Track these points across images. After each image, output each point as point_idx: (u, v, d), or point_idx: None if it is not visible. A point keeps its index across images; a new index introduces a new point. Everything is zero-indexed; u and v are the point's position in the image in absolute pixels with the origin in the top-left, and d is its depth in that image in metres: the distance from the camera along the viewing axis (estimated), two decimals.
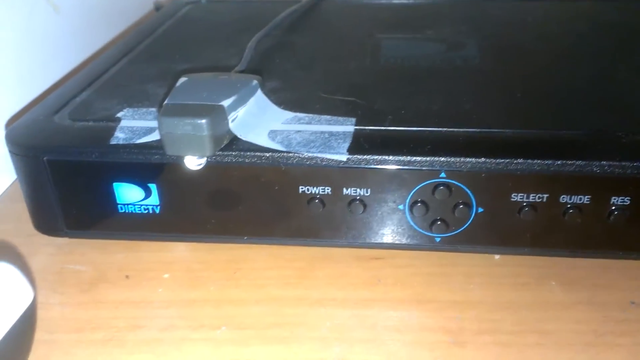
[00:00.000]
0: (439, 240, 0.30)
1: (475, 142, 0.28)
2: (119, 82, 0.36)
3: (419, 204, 0.28)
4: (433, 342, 0.26)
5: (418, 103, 0.32)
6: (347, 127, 0.29)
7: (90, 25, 0.52)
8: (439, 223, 0.29)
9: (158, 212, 0.30)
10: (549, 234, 0.28)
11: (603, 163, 0.26)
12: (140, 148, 0.29)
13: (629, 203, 0.27)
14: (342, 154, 0.28)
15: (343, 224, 0.30)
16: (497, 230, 0.29)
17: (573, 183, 0.27)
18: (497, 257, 0.31)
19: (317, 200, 0.29)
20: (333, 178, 0.28)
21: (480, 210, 0.28)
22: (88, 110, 0.32)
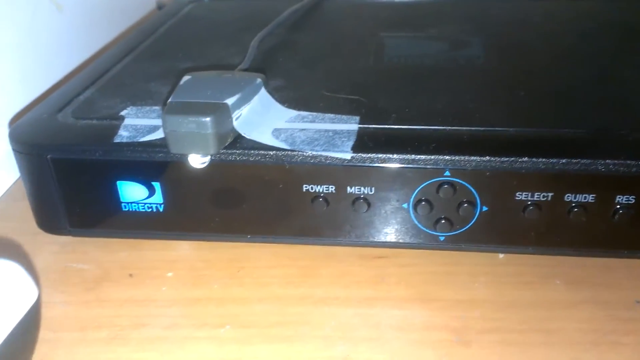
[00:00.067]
0: (443, 239, 0.29)
1: (480, 140, 0.28)
2: (122, 80, 0.36)
3: (423, 203, 0.28)
4: (437, 340, 0.26)
5: (422, 101, 0.32)
6: (351, 125, 0.29)
7: (93, 24, 0.52)
8: (443, 222, 0.29)
9: (162, 210, 0.30)
10: (554, 233, 0.28)
11: (608, 162, 0.26)
12: (144, 146, 0.29)
13: (634, 202, 0.27)
14: (346, 152, 0.28)
15: (347, 223, 0.30)
16: (501, 229, 0.29)
17: (578, 182, 0.27)
18: (501, 256, 0.31)
19: (321, 199, 0.29)
20: (337, 176, 0.28)
21: (485, 209, 0.28)
22: (91, 109, 0.32)
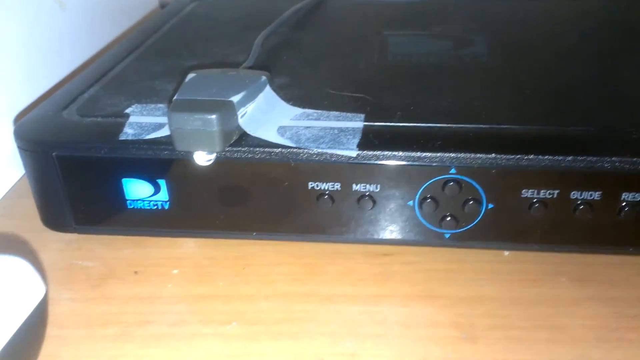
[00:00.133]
0: (449, 237, 0.29)
1: (486, 137, 0.28)
2: (126, 78, 0.36)
3: (429, 200, 0.28)
4: (444, 337, 0.26)
5: (427, 99, 0.32)
6: (356, 123, 0.29)
7: (96, 23, 0.52)
8: (449, 219, 0.29)
9: (167, 208, 0.30)
10: (560, 230, 0.28)
11: (614, 159, 0.26)
12: (150, 144, 0.29)
13: None
14: (351, 150, 0.28)
15: (352, 220, 0.30)
16: (507, 227, 0.29)
17: (584, 179, 0.27)
18: (506, 253, 0.31)
19: (326, 196, 0.29)
20: (342, 174, 0.28)
21: (491, 206, 0.28)
22: (96, 106, 0.32)
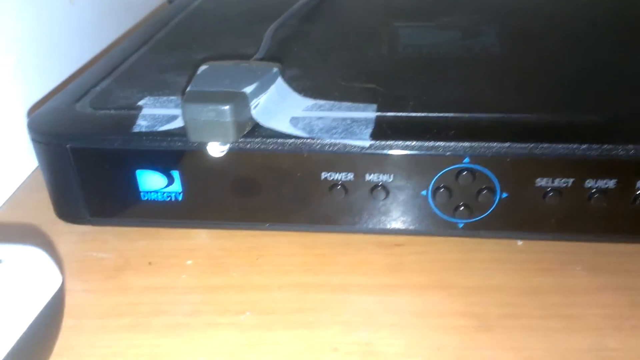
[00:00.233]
0: (462, 226, 0.29)
1: (500, 126, 0.28)
2: (138, 71, 0.36)
3: (442, 190, 0.28)
4: (459, 326, 0.26)
5: (439, 89, 0.32)
6: (368, 113, 0.29)
7: (105, 17, 0.52)
8: (462, 209, 0.29)
9: (180, 199, 0.30)
10: (574, 219, 0.28)
11: (629, 147, 0.26)
12: (163, 135, 0.29)
13: None
14: (365, 140, 0.28)
15: (365, 210, 0.30)
16: (521, 216, 0.29)
17: (598, 167, 0.27)
18: (520, 243, 0.31)
19: (339, 187, 0.29)
20: (355, 164, 0.28)
21: (505, 196, 0.28)
22: (109, 99, 0.32)
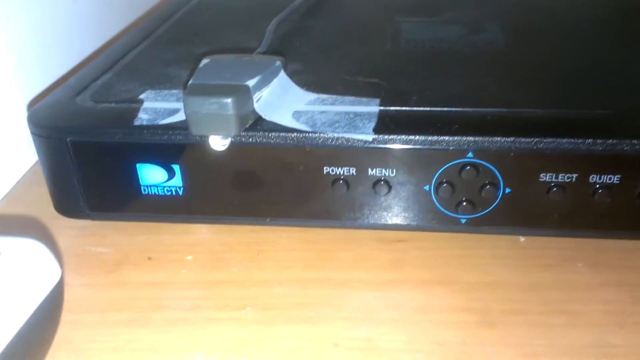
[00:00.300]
0: (465, 222, 0.29)
1: (504, 121, 0.28)
2: (139, 65, 0.36)
3: (445, 185, 0.28)
4: (461, 322, 0.26)
5: (443, 84, 0.31)
6: (371, 107, 0.29)
7: (107, 11, 0.52)
8: (465, 204, 0.29)
9: (181, 193, 0.30)
10: (577, 215, 0.28)
11: (634, 142, 0.26)
12: (164, 129, 0.29)
13: None
14: (368, 134, 0.28)
15: (368, 206, 0.29)
16: (524, 211, 0.28)
17: (603, 162, 0.27)
18: (522, 239, 0.31)
19: (341, 181, 0.29)
20: (358, 159, 0.28)
21: (508, 191, 0.28)
22: (110, 93, 0.32)
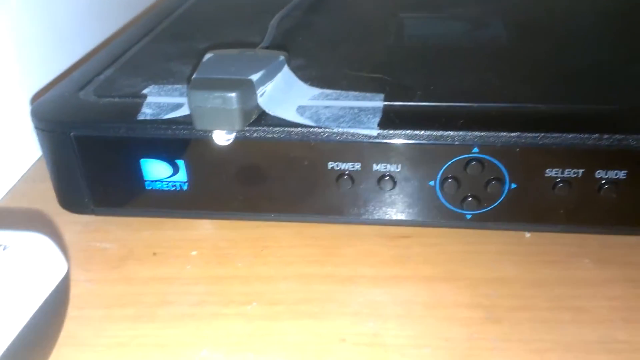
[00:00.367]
0: (470, 218, 0.29)
1: (509, 116, 0.27)
2: (142, 60, 0.36)
3: (450, 180, 0.28)
4: (467, 318, 0.26)
5: (447, 79, 0.31)
6: (376, 102, 0.29)
7: (110, 6, 0.52)
8: (470, 200, 0.28)
9: (185, 189, 0.30)
10: (583, 211, 0.28)
11: None
12: (168, 123, 0.29)
13: None
14: (372, 129, 0.27)
15: (372, 201, 0.29)
16: (530, 207, 0.28)
17: (609, 157, 0.26)
18: (527, 235, 0.31)
19: (346, 177, 0.29)
20: (363, 154, 0.28)
21: (514, 186, 0.28)
22: (113, 87, 0.32)
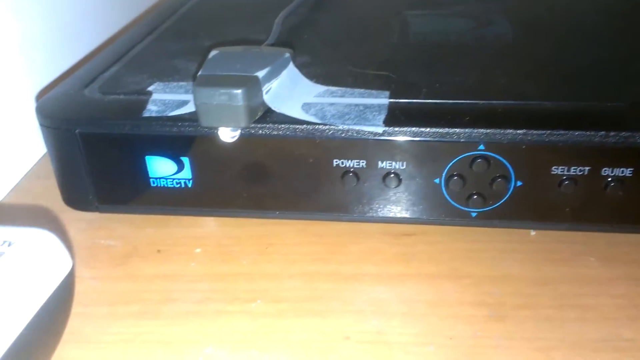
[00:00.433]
0: (475, 216, 0.29)
1: (515, 113, 0.27)
2: (146, 58, 0.36)
3: (456, 178, 0.28)
4: (471, 316, 0.26)
5: (452, 77, 0.31)
6: (381, 99, 0.29)
7: (114, 3, 0.52)
8: (476, 197, 0.28)
9: (190, 186, 0.30)
10: (589, 209, 0.28)
11: None
12: (174, 120, 0.29)
13: None
14: (378, 126, 0.27)
15: (377, 199, 0.29)
16: (536, 205, 0.28)
17: (615, 155, 0.26)
18: (532, 233, 0.30)
19: (351, 174, 0.29)
20: (368, 151, 0.28)
21: (519, 184, 0.28)
22: (118, 84, 0.32)
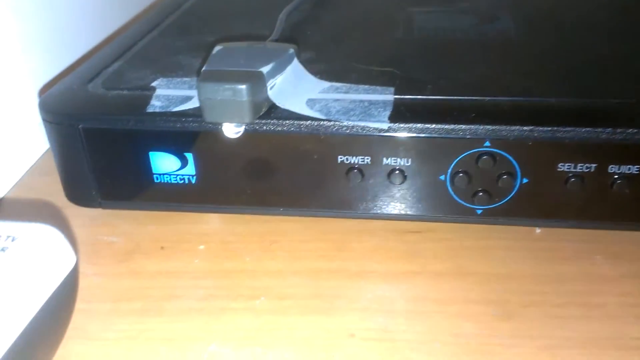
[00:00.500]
0: (481, 213, 0.29)
1: (521, 109, 0.27)
2: (150, 53, 0.36)
3: (461, 175, 0.28)
4: (477, 314, 0.26)
5: (458, 73, 0.31)
6: (386, 95, 0.29)
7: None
8: (481, 194, 0.28)
9: (194, 182, 0.30)
10: (596, 206, 0.28)
11: None
12: (177, 116, 0.28)
13: None
14: (383, 122, 0.27)
15: (382, 195, 0.29)
16: (541, 202, 0.28)
17: (622, 152, 0.26)
18: (538, 230, 0.30)
19: (356, 170, 0.28)
20: (373, 147, 0.28)
21: (525, 181, 0.27)
22: (121, 80, 0.32)
